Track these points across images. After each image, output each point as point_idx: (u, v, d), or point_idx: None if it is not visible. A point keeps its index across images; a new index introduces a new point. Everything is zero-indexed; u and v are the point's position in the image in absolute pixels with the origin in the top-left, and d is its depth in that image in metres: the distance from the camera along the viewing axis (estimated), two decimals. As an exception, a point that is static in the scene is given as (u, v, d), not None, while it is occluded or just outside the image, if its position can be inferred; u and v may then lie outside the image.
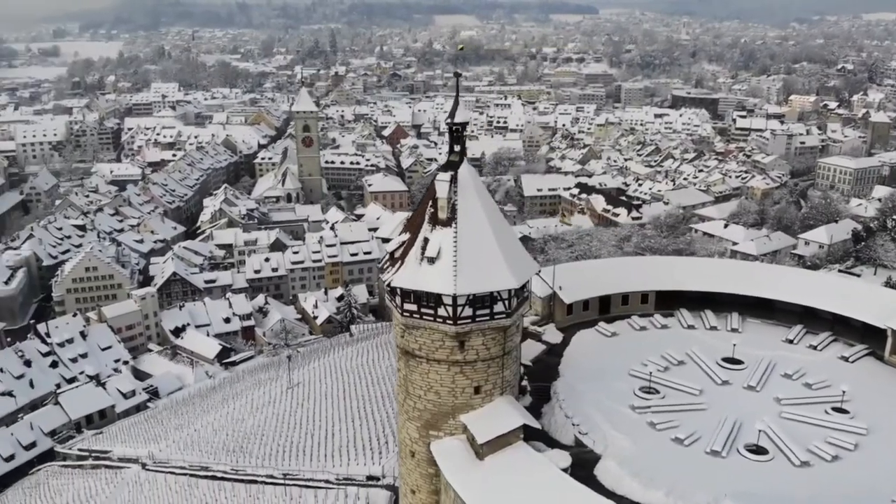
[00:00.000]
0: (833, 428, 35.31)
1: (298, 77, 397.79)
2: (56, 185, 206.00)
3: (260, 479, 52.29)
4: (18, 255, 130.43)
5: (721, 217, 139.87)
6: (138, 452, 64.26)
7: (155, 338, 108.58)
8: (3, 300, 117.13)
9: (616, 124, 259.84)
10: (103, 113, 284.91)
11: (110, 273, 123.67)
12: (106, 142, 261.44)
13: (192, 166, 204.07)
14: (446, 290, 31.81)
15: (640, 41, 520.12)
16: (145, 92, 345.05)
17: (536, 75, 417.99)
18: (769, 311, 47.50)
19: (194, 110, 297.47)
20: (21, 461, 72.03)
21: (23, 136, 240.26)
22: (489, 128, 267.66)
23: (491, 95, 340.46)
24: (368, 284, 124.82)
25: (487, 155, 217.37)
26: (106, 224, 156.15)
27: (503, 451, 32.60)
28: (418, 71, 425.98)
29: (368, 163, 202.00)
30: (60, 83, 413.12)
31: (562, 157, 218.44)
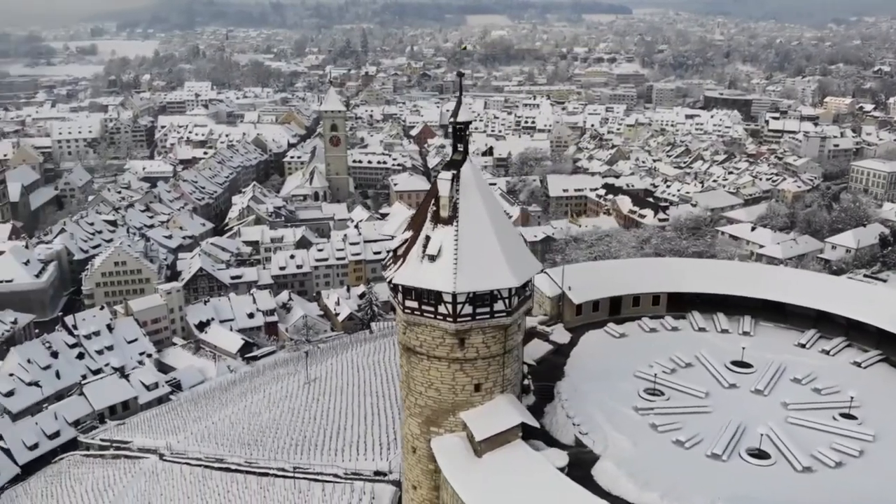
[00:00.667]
0: (839, 434, 34.84)
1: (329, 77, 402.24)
2: (90, 181, 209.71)
3: (271, 472, 53.12)
4: (50, 249, 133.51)
5: (749, 220, 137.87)
6: (157, 443, 65.54)
7: (180, 332, 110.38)
8: (34, 293, 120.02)
9: (646, 125, 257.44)
10: (137, 111, 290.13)
11: (138, 268, 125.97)
12: (139, 139, 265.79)
13: (222, 164, 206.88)
14: (446, 288, 32.01)
15: (673, 41, 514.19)
16: (179, 91, 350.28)
17: (567, 75, 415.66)
18: (783, 314, 46.94)
19: (226, 109, 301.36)
20: (44, 450, 73.84)
21: (58, 132, 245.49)
22: (517, 128, 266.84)
23: (520, 95, 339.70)
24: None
25: (514, 155, 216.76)
26: (136, 220, 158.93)
27: (501, 449, 32.71)
28: (448, 71, 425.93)
29: (395, 162, 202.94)
30: (97, 81, 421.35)
31: (589, 158, 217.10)
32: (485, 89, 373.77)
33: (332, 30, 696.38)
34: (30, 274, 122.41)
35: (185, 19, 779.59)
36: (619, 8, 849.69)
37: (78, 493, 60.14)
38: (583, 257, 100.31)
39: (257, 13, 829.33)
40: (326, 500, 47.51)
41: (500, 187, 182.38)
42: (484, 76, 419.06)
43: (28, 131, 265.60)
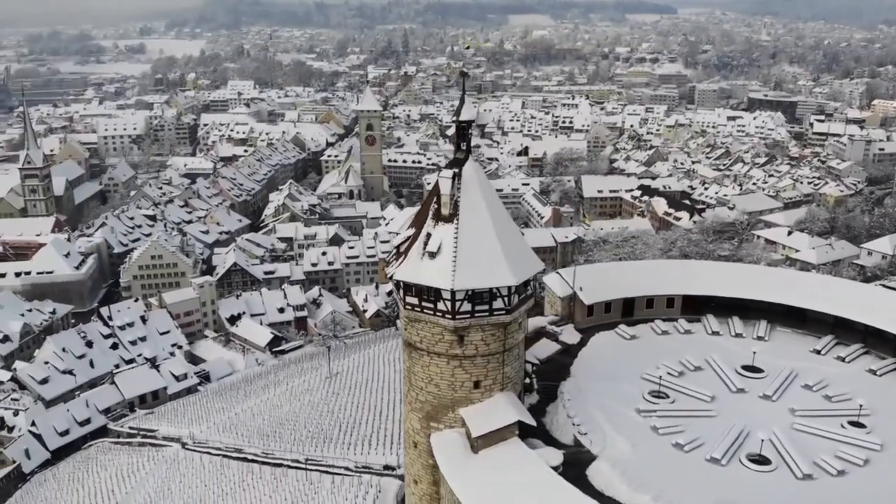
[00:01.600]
0: (845, 442, 34.10)
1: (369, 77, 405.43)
2: (133, 177, 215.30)
3: (285, 463, 54.12)
4: (90, 242, 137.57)
5: (787, 224, 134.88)
6: (181, 432, 67.20)
7: (212, 325, 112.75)
8: (73, 284, 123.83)
9: (686, 126, 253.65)
10: (181, 109, 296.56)
11: (174, 262, 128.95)
12: (182, 136, 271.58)
13: (261, 162, 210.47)
14: (444, 285, 32.26)
15: (718, 41, 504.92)
16: (223, 89, 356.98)
17: (608, 75, 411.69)
18: (801, 320, 46.07)
19: (267, 108, 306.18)
20: (75, 436, 76.35)
21: (104, 129, 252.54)
22: (554, 128, 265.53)
23: (558, 95, 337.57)
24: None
25: (549, 155, 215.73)
26: (175, 215, 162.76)
27: (498, 446, 32.85)
28: (487, 71, 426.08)
29: (430, 161, 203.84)
30: (144, 79, 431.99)
31: (626, 159, 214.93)
32: (524, 89, 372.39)
33: (375, 30, 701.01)
34: (70, 266, 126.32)
35: (232, 19, 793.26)
36: (663, 8, 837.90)
37: (102, 478, 62.02)
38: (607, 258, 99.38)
39: (302, 13, 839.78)
40: (335, 492, 48.27)
41: (533, 187, 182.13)
42: (523, 76, 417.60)
43: (75, 127, 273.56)
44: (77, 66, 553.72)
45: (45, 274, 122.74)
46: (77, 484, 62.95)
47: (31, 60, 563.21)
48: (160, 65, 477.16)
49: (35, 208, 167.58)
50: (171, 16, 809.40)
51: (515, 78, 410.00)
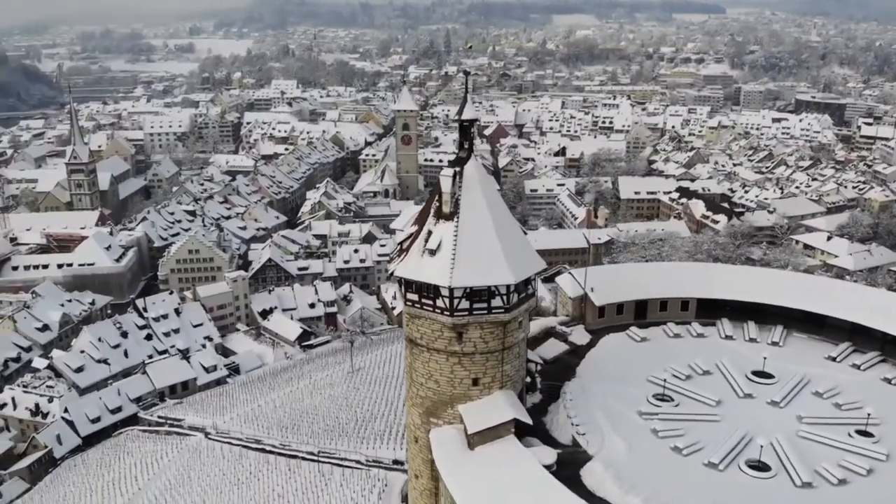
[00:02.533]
0: (850, 451, 33.44)
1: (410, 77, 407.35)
2: (177, 173, 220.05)
3: (300, 455, 55.12)
4: (131, 236, 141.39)
5: (827, 229, 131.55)
6: (205, 422, 68.77)
7: (244, 318, 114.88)
8: (113, 276, 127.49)
9: (729, 127, 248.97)
10: (226, 107, 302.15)
11: (211, 256, 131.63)
12: (226, 134, 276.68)
13: (300, 160, 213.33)
14: (443, 282, 32.58)
15: (766, 42, 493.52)
16: (266, 88, 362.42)
17: (651, 75, 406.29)
18: (818, 326, 45.16)
19: (309, 107, 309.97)
20: (106, 423, 78.71)
21: (150, 126, 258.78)
22: (594, 128, 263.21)
23: (599, 95, 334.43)
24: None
25: (586, 155, 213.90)
26: (214, 211, 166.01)
27: (493, 444, 33.07)
28: (529, 70, 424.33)
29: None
30: (192, 78, 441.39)
31: (665, 160, 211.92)
32: (565, 89, 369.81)
33: (418, 30, 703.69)
34: (110, 258, 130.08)
35: (278, 19, 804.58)
36: (711, 7, 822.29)
37: (128, 464, 63.95)
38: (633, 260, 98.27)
39: (347, 13, 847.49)
40: (344, 484, 49.02)
41: (569, 188, 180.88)
42: (565, 76, 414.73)
43: (123, 124, 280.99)
44: (128, 64, 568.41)
45: (86, 266, 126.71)
46: (104, 469, 65.02)
47: (84, 58, 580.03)
48: (207, 64, 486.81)
49: (81, 202, 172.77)
50: (220, 16, 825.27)
51: (557, 78, 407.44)
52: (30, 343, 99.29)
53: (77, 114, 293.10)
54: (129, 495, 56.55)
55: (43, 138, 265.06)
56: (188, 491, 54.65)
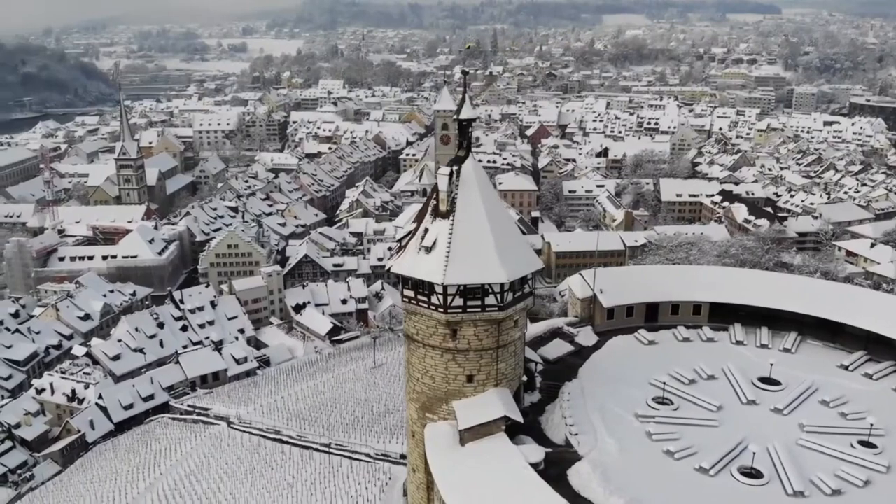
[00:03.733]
0: (849, 461, 32.72)
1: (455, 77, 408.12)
2: (224, 170, 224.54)
3: (313, 446, 56.22)
4: (173, 230, 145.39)
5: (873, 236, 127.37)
6: (229, 412, 70.44)
7: (278, 312, 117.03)
8: (155, 269, 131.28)
9: (778, 130, 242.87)
10: (273, 106, 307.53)
11: (249, 251, 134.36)
12: (273, 133, 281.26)
13: (342, 159, 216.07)
14: (436, 279, 33.03)
15: (821, 43, 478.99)
16: (314, 88, 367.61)
17: (702, 76, 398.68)
18: (834, 333, 44.18)
19: (354, 107, 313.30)
20: (138, 411, 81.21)
21: (200, 124, 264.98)
22: (639, 129, 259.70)
23: (646, 96, 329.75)
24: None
25: (629, 156, 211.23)
26: (256, 207, 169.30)
27: (484, 440, 33.39)
28: (575, 71, 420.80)
29: (504, 161, 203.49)
30: (243, 77, 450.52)
31: (710, 163, 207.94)
32: (612, 89, 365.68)
33: (467, 30, 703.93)
34: (153, 251, 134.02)
35: (329, 19, 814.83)
36: (766, 7, 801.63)
37: (154, 451, 65.98)
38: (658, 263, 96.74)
39: (396, 14, 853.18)
40: (350, 476, 49.83)
41: (608, 189, 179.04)
42: (612, 76, 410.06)
43: (174, 122, 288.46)
44: (182, 63, 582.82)
45: (129, 258, 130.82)
46: (132, 455, 67.24)
47: (141, 57, 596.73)
48: (258, 63, 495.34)
49: (129, 197, 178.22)
50: (272, 16, 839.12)
51: (604, 78, 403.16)
52: (71, 331, 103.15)
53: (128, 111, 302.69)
54: (151, 480, 58.45)
55: (97, 134, 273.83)
56: (206, 478, 56.20)
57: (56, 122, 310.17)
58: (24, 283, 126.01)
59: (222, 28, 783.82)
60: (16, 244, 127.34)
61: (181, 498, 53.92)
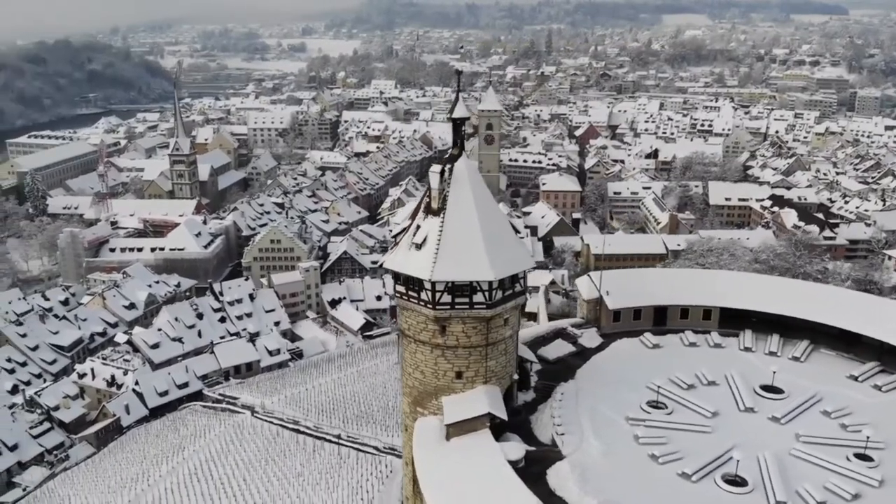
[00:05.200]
0: (841, 473, 31.76)
1: (507, 77, 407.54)
2: (275, 168, 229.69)
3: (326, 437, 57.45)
4: (220, 225, 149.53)
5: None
6: (256, 402, 72.43)
7: (314, 307, 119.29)
8: (200, 261, 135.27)
9: (837, 134, 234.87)
10: (326, 105, 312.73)
11: (291, 246, 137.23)
12: (324, 132, 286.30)
13: (388, 158, 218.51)
14: (424, 276, 33.45)
15: (888, 45, 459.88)
16: (366, 88, 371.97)
17: (761, 78, 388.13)
18: (849, 343, 42.87)
19: (404, 107, 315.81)
20: (172, 397, 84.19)
21: (254, 122, 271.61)
22: (692, 130, 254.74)
23: (701, 97, 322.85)
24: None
25: (679, 158, 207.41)
26: (302, 204, 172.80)
27: (468, 436, 33.62)
28: (630, 71, 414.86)
29: (550, 162, 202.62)
30: (300, 77, 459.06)
31: (762, 166, 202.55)
32: (667, 90, 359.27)
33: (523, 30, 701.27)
34: (199, 245, 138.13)
35: (386, 20, 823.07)
36: (832, 8, 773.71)
37: (181, 435, 68.38)
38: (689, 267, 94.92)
39: (453, 14, 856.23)
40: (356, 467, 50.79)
41: (654, 191, 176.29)
42: (668, 76, 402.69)
43: (230, 119, 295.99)
44: (243, 62, 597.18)
45: (176, 250, 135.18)
46: (160, 439, 69.83)
47: (203, 56, 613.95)
48: (315, 63, 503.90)
49: (181, 191, 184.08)
50: (331, 16, 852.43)
51: (660, 79, 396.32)
52: (116, 319, 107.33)
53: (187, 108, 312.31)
54: (174, 464, 60.61)
55: (156, 130, 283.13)
56: (223, 464, 58.01)
57: (118, 118, 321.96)
58: (76, 272, 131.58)
59: (282, 28, 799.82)
60: (69, 234, 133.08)
61: (198, 483, 55.80)
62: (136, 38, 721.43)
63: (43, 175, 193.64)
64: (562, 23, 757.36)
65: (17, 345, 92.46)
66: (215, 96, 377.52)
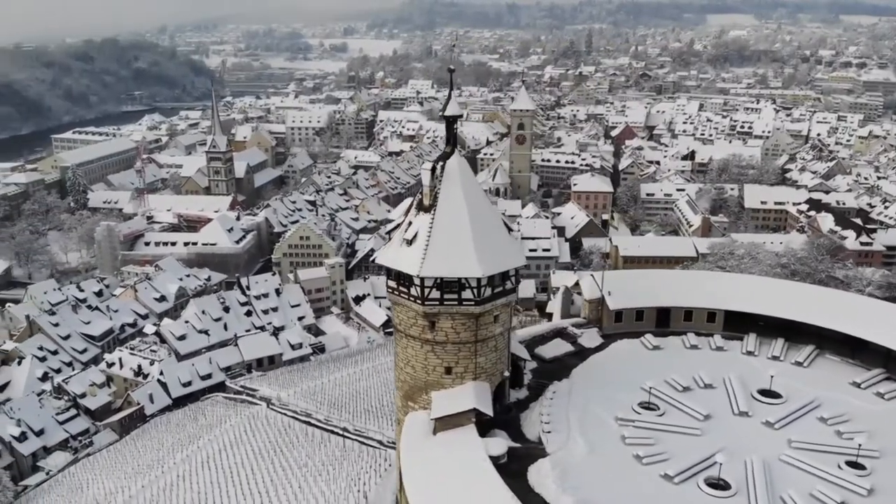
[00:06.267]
0: (829, 480, 31.28)
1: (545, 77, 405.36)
2: (311, 166, 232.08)
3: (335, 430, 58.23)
4: (253, 221, 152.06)
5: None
6: (273, 394, 73.63)
7: (339, 303, 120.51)
8: (231, 256, 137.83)
9: (881, 138, 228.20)
10: (363, 105, 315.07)
11: (319, 243, 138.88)
12: (360, 131, 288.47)
13: (419, 157, 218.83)
14: (413, 271, 33.86)
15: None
16: (403, 88, 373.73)
17: (806, 80, 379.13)
18: (855, 349, 42.08)
19: (440, 106, 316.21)
20: (195, 388, 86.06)
21: (292, 120, 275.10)
22: (731, 132, 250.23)
23: (742, 98, 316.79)
24: (541, 281, 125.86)
25: (716, 160, 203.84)
26: (333, 202, 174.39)
27: (453, 431, 33.96)
28: (671, 71, 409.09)
29: (583, 162, 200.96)
30: (340, 76, 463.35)
31: (801, 169, 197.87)
32: (708, 91, 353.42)
33: (564, 30, 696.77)
34: (231, 240, 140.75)
35: (427, 20, 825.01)
36: (883, 9, 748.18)
37: (200, 424, 69.99)
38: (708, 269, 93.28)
39: (493, 14, 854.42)
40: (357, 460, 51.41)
41: (689, 193, 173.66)
42: (710, 77, 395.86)
43: (269, 118, 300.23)
44: (286, 62, 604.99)
45: (208, 245, 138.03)
46: (179, 428, 71.57)
47: (247, 55, 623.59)
48: (355, 63, 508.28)
49: (217, 188, 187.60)
50: (372, 17, 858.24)
51: (701, 79, 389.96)
52: (147, 311, 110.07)
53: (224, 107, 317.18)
54: (188, 453, 62.07)
55: (197, 128, 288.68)
56: (235, 453, 59.24)
57: (162, 115, 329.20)
58: (112, 264, 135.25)
59: (325, 28, 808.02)
60: (105, 228, 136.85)
61: (208, 471, 57.11)
62: (183, 37, 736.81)
63: (85, 170, 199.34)
64: (603, 22, 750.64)
65: (49, 333, 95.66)
66: (256, 95, 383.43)
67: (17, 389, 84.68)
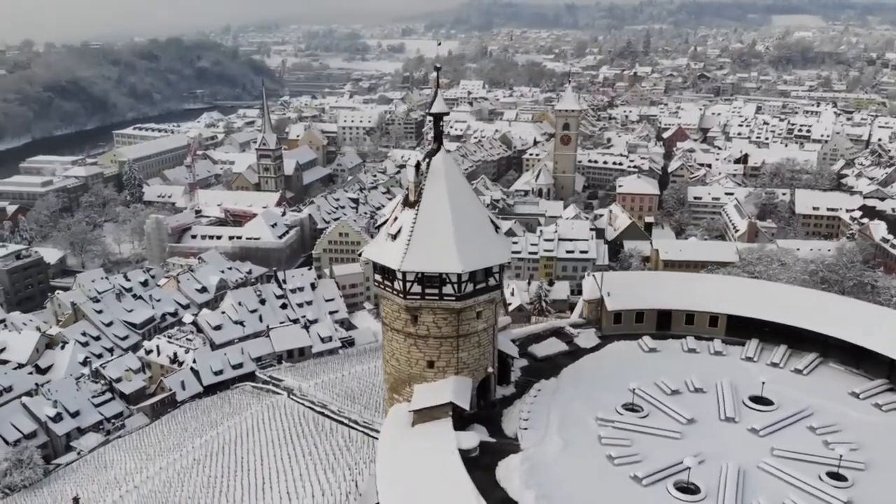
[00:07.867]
0: (805, 490, 30.57)
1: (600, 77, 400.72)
2: (359, 164, 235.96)
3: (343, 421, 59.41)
4: (296, 217, 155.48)
5: None
6: (295, 385, 75.44)
7: (372, 298, 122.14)
8: (273, 251, 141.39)
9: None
10: (413, 105, 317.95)
11: (358, 240, 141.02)
12: (409, 131, 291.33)
13: (464, 157, 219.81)
14: (395, 265, 34.54)
15: None
16: (455, 88, 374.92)
17: (871, 83, 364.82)
18: (860, 359, 40.82)
19: (489, 107, 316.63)
20: (226, 377, 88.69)
21: (343, 120, 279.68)
22: (788, 136, 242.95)
23: (802, 101, 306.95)
24: (577, 283, 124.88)
25: (769, 164, 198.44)
26: (376, 200, 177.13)
27: (430, 423, 34.50)
28: (731, 73, 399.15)
29: (631, 164, 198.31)
30: (395, 77, 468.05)
31: (858, 175, 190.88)
32: (768, 93, 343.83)
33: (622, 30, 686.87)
34: (274, 235, 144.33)
35: (485, 21, 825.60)
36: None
37: (224, 412, 72.29)
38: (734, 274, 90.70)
39: (552, 14, 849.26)
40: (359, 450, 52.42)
41: (737, 197, 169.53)
42: (771, 79, 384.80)
43: (323, 118, 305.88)
44: (344, 62, 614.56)
45: (252, 239, 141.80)
46: (205, 414, 74.03)
47: (307, 55, 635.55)
48: (410, 64, 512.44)
49: (266, 184, 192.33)
50: (430, 17, 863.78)
51: (762, 81, 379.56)
52: (188, 302, 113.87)
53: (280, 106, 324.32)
54: (206, 438, 64.27)
55: (253, 126, 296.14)
56: (249, 440, 61.07)
57: (221, 113, 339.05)
58: (160, 256, 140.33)
59: (383, 29, 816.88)
60: (154, 221, 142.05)
61: (223, 456, 59.03)
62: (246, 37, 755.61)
63: (142, 165, 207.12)
64: (664, 23, 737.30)
65: (92, 320, 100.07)
66: (312, 95, 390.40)
67: (60, 372, 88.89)
